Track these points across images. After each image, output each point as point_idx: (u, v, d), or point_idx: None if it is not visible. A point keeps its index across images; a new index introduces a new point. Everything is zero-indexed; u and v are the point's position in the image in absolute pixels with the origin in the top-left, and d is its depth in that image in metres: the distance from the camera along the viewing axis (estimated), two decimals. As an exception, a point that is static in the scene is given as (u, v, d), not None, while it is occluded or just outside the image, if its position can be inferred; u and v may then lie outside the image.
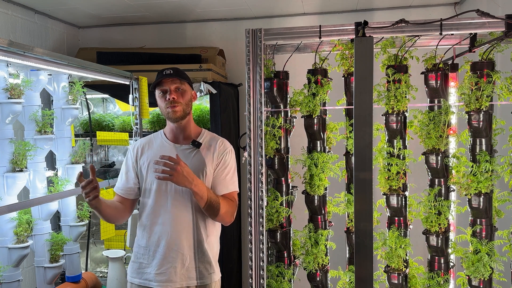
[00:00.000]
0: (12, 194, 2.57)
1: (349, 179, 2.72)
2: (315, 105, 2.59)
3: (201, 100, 4.06)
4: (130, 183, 2.13)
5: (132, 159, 2.15)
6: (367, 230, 2.19)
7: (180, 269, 2.02)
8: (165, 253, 2.02)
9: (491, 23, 2.26)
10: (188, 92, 2.09)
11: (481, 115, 2.40)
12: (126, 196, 2.14)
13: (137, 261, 2.09)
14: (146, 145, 2.16)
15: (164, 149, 2.09)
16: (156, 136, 2.19)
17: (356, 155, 2.19)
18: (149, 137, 2.20)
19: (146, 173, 2.09)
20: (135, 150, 2.16)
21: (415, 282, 2.63)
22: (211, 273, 2.09)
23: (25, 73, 2.75)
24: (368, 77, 2.13)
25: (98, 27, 4.40)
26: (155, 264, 2.03)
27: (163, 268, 2.02)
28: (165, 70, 2.05)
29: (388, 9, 3.96)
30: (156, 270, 2.02)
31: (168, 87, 2.03)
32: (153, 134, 2.22)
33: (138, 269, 2.08)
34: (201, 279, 2.06)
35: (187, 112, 2.08)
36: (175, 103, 2.02)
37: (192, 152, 2.08)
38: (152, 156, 2.09)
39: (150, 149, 2.13)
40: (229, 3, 3.77)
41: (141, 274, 2.06)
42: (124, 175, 2.16)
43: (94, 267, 4.37)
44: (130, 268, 2.12)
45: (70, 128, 3.07)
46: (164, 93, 2.04)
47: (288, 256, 2.73)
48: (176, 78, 2.04)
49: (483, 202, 2.43)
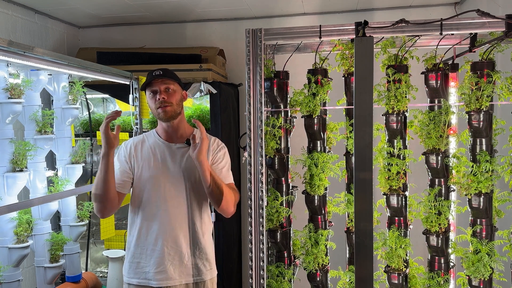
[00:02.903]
0: (12, 194, 2.57)
1: (349, 179, 2.72)
2: (315, 105, 2.59)
3: (201, 100, 4.06)
4: (124, 177, 2.10)
5: (125, 155, 2.13)
6: (367, 230, 2.19)
7: (179, 267, 2.04)
8: (163, 251, 2.03)
9: (491, 23, 2.26)
10: (178, 92, 2.09)
11: (481, 115, 2.40)
12: (119, 189, 2.07)
13: (134, 261, 2.08)
14: (139, 144, 2.15)
15: (159, 148, 2.10)
16: (149, 136, 2.18)
17: (356, 155, 2.19)
18: (142, 136, 2.20)
19: (140, 172, 2.09)
20: (128, 147, 2.15)
21: (415, 282, 2.62)
22: (209, 270, 2.11)
23: (25, 73, 2.75)
24: (368, 77, 2.13)
25: (98, 27, 4.40)
26: (153, 262, 2.03)
27: (162, 267, 2.02)
28: (155, 71, 2.06)
29: (388, 9, 3.96)
30: (155, 269, 2.03)
31: (158, 88, 2.04)
32: (145, 134, 2.21)
33: (136, 269, 2.08)
34: (199, 276, 2.08)
35: (178, 112, 2.09)
36: (165, 103, 2.03)
37: (187, 150, 2.09)
38: (146, 155, 2.10)
39: (144, 148, 2.13)
40: (229, 3, 3.77)
41: (139, 274, 2.06)
42: (118, 172, 2.09)
43: (94, 267, 4.37)
44: (127, 269, 2.11)
45: (70, 128, 3.07)
46: (154, 93, 2.05)
47: (288, 256, 2.73)
48: (165, 79, 2.05)
49: (483, 202, 2.43)
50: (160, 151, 2.10)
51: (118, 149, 2.16)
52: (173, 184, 2.06)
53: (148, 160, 2.09)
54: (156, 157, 2.09)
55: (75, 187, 3.03)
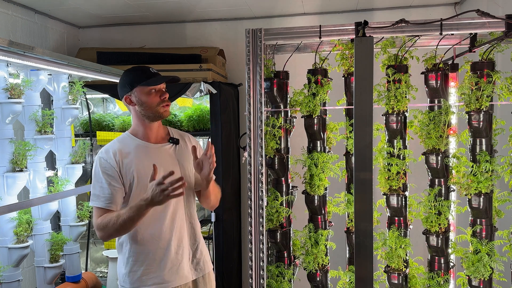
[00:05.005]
0: (12, 194, 2.57)
1: (349, 179, 2.72)
2: (315, 105, 2.59)
3: (201, 100, 4.06)
4: (119, 194, 1.95)
5: (115, 168, 1.93)
6: (367, 230, 2.19)
7: (187, 264, 2.05)
8: (173, 253, 2.00)
9: (491, 23, 2.26)
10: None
11: (481, 115, 2.40)
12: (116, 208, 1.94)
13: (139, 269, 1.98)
14: (121, 151, 1.97)
15: (150, 151, 2.01)
16: (125, 140, 2.03)
17: (356, 155, 2.19)
18: (116, 143, 2.01)
19: (138, 181, 1.95)
20: (115, 158, 1.94)
21: (415, 282, 2.63)
22: (207, 262, 2.16)
23: (25, 73, 2.75)
24: (368, 77, 2.13)
25: (98, 27, 4.40)
26: (163, 266, 1.98)
27: (175, 267, 2.01)
28: (151, 68, 2.04)
29: (388, 9, 3.96)
30: (168, 270, 1.99)
31: (161, 86, 2.03)
32: (118, 140, 2.04)
33: (142, 276, 1.97)
34: (204, 270, 2.12)
35: None
36: (167, 102, 2.03)
37: (174, 149, 2.08)
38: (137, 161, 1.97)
39: (133, 155, 1.98)
40: (229, 3, 3.77)
41: (146, 281, 1.97)
42: (107, 186, 1.92)
43: (94, 267, 4.37)
44: (130, 279, 1.98)
45: (70, 128, 3.07)
46: (157, 91, 2.01)
47: (288, 256, 2.73)
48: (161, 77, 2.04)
49: (483, 202, 2.43)
50: (154, 154, 2.02)
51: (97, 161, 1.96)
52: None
53: (142, 165, 1.97)
54: (149, 160, 1.97)
55: (75, 187, 3.03)
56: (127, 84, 2.01)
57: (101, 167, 1.94)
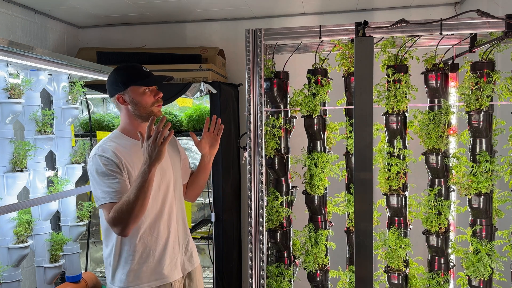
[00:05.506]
0: (12, 194, 2.57)
1: (349, 179, 2.72)
2: (315, 105, 2.59)
3: (201, 100, 4.06)
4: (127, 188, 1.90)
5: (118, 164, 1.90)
6: (367, 230, 2.19)
7: (182, 257, 2.11)
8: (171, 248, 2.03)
9: (491, 23, 2.26)
10: None
11: (481, 115, 2.40)
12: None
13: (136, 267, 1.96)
14: (118, 150, 1.94)
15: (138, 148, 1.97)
16: (118, 139, 2.01)
17: (356, 155, 2.19)
18: (111, 142, 1.98)
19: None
20: (115, 155, 1.91)
21: (415, 282, 2.63)
22: (196, 256, 2.22)
23: (25, 73, 2.75)
24: (368, 77, 2.13)
25: (98, 27, 4.40)
26: (163, 262, 2.00)
27: (173, 262, 2.04)
28: (144, 67, 2.03)
29: (388, 9, 3.96)
30: (166, 266, 2.01)
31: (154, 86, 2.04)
32: (111, 138, 2.00)
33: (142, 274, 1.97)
34: (194, 263, 2.18)
35: None
36: (161, 101, 2.05)
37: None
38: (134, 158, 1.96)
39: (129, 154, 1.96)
40: (229, 3, 3.77)
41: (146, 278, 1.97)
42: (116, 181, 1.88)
43: (94, 267, 4.37)
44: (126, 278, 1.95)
45: (70, 128, 3.07)
46: (152, 91, 2.01)
47: (288, 256, 2.73)
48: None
49: (483, 202, 2.43)
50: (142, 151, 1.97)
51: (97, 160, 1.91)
52: (165, 179, 2.04)
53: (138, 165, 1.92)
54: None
55: (75, 187, 3.03)
56: (120, 83, 1.97)
57: (104, 165, 1.88)
